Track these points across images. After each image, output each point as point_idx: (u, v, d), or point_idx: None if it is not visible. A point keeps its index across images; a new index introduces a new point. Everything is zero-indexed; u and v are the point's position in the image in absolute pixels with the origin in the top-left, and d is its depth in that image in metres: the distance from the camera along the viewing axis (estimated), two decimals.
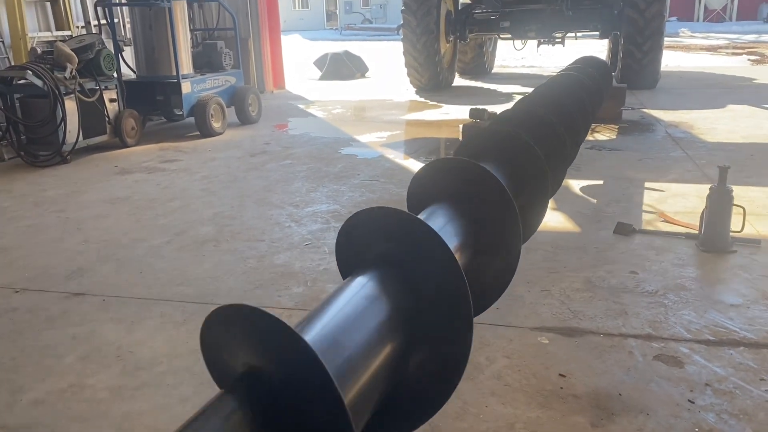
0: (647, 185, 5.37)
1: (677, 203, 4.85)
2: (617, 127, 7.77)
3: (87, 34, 8.51)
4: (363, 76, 15.60)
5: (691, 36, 26.46)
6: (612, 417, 2.39)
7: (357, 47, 18.89)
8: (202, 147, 7.77)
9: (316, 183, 5.86)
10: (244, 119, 9.14)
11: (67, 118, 6.91)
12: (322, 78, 15.32)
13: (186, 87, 8.18)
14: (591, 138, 7.12)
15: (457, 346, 1.57)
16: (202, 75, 8.69)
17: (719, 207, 3.81)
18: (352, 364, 1.36)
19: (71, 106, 7.00)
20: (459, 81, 13.53)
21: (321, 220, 4.82)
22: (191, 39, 9.00)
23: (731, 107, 9.06)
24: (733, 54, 18.91)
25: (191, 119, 8.40)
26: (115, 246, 4.44)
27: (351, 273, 1.65)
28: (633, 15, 10.47)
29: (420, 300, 1.58)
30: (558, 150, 3.35)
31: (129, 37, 9.18)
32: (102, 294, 3.65)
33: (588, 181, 5.47)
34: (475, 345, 2.41)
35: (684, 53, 19.09)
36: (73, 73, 7.01)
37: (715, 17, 35.27)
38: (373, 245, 1.70)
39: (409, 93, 12.04)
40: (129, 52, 8.93)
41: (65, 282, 3.83)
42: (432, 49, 11.60)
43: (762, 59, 17.09)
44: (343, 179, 5.96)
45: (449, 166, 2.38)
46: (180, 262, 4.12)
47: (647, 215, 4.63)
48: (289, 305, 3.43)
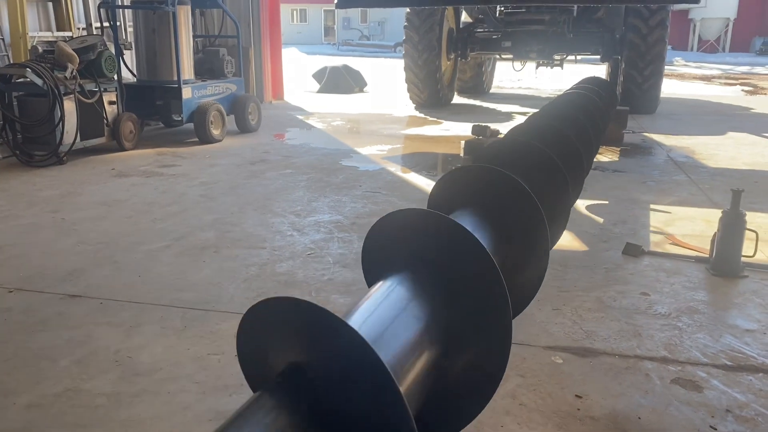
0: (653, 207, 5.33)
1: (685, 226, 4.81)
2: (619, 150, 7.76)
3: (89, 35, 8.43)
4: (361, 90, 15.59)
5: (685, 65, 26.77)
6: None
7: (354, 63, 18.90)
8: (200, 153, 7.67)
9: (317, 193, 5.77)
10: (243, 127, 9.05)
11: (66, 118, 6.80)
12: (320, 91, 15.29)
13: (186, 92, 8.10)
14: (594, 159, 7.10)
15: (496, 352, 1.49)
16: (203, 81, 8.62)
17: (732, 231, 3.76)
18: (393, 364, 1.28)
19: (70, 106, 6.89)
20: (457, 99, 13.55)
21: (324, 230, 4.73)
22: (193, 45, 8.93)
23: (731, 134, 9.10)
24: (727, 84, 19.12)
25: (190, 125, 8.30)
26: (113, 249, 4.32)
27: (381, 274, 1.58)
28: (635, 40, 10.54)
29: (458, 304, 1.50)
30: (575, 163, 3.30)
31: (130, 41, 9.11)
32: (99, 297, 3.53)
33: (593, 201, 5.43)
34: None
35: (679, 81, 19.27)
36: (74, 74, 6.91)
37: (709, 48, 35.77)
38: (406, 247, 1.62)
39: (409, 108, 12.02)
40: (129, 55, 8.86)
41: (61, 283, 3.71)
42: (433, 66, 11.61)
43: (755, 90, 17.28)
44: (345, 190, 5.88)
45: (472, 173, 2.31)
46: (179, 267, 4.01)
47: (655, 237, 4.58)
48: None
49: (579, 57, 12.23)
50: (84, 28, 9.13)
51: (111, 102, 7.58)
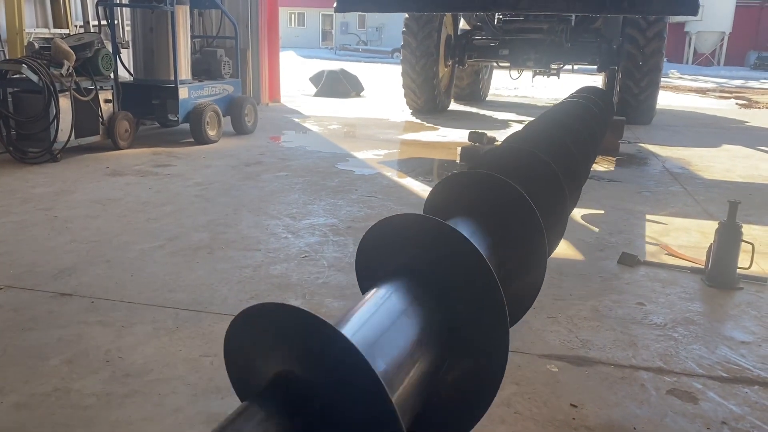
0: (648, 217, 5.33)
1: (680, 237, 4.81)
2: (615, 159, 7.78)
3: (86, 32, 8.38)
4: (358, 95, 15.59)
5: (681, 77, 26.94)
6: None
7: (352, 67, 18.91)
8: (196, 154, 7.63)
9: (313, 196, 5.75)
10: (239, 129, 9.02)
11: (61, 115, 6.75)
12: (317, 94, 15.28)
13: (183, 92, 8.06)
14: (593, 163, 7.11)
15: (494, 360, 1.47)
16: (200, 82, 8.59)
17: (728, 242, 3.76)
18: (388, 374, 1.25)
19: (65, 103, 6.85)
20: (454, 106, 13.56)
21: (319, 233, 4.70)
22: (191, 45, 8.89)
23: (726, 147, 9.14)
24: (722, 97, 19.24)
25: (186, 126, 8.26)
26: (105, 247, 4.28)
27: (376, 280, 1.54)
28: (632, 50, 10.58)
29: (453, 312, 1.48)
30: (573, 172, 3.29)
31: (127, 40, 9.07)
32: (90, 296, 3.49)
33: (589, 210, 5.42)
34: None
35: (674, 93, 19.38)
36: (70, 71, 6.87)
37: (704, 61, 36.03)
38: (401, 252, 1.59)
39: (405, 114, 12.02)
40: (126, 54, 8.82)
41: (52, 281, 3.66)
42: (430, 72, 11.62)
43: (750, 104, 17.39)
44: (341, 194, 5.85)
45: (469, 179, 2.29)
46: (172, 267, 3.97)
47: (650, 247, 4.57)
48: None
49: (576, 66, 12.28)
50: (81, 25, 9.09)
51: (107, 100, 7.53)
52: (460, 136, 9.14)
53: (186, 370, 2.75)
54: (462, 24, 12.94)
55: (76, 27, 8.94)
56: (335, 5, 7.68)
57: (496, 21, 11.52)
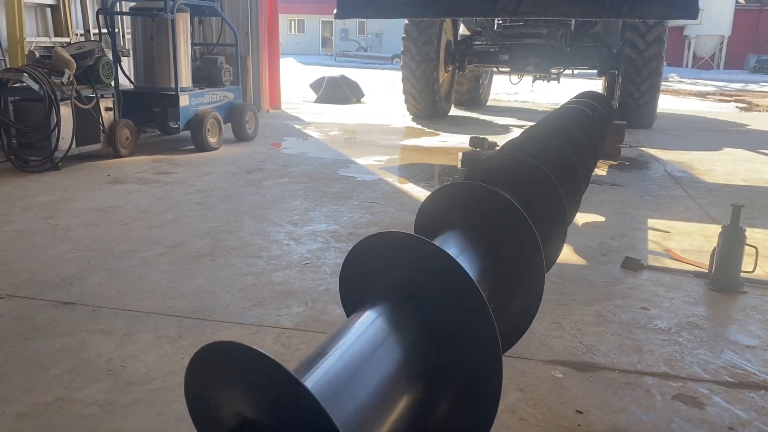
0: (651, 222, 5.32)
1: (683, 241, 4.80)
2: (616, 163, 7.77)
3: (87, 41, 8.40)
4: (359, 101, 15.61)
5: (680, 81, 26.96)
6: None
7: (352, 74, 18.94)
8: (197, 161, 7.63)
9: (314, 202, 5.74)
10: (240, 136, 9.03)
11: (62, 124, 6.76)
12: (317, 101, 15.30)
13: (184, 100, 8.08)
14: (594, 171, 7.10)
15: (485, 397, 1.41)
16: (200, 89, 8.60)
17: (731, 246, 3.74)
18: (362, 416, 1.17)
19: (66, 112, 6.85)
20: (454, 111, 13.57)
21: (321, 239, 4.69)
22: (191, 53, 8.91)
23: (728, 150, 9.13)
24: (722, 100, 19.24)
25: (186, 133, 8.27)
26: (107, 255, 4.27)
27: (358, 306, 1.45)
28: (632, 54, 10.59)
29: (440, 341, 1.37)
30: (572, 180, 3.27)
31: (128, 48, 9.09)
32: (92, 304, 3.48)
33: (591, 215, 5.41)
34: None
35: (674, 97, 19.39)
36: (71, 79, 6.87)
37: (704, 65, 36.06)
38: (385, 275, 1.49)
39: (406, 120, 12.03)
40: (127, 62, 8.83)
41: (54, 290, 3.65)
42: (431, 78, 11.63)
43: (750, 107, 17.39)
44: (342, 200, 5.85)
45: (461, 191, 2.18)
46: (174, 275, 3.96)
47: (653, 251, 4.56)
48: (290, 325, 3.29)
49: (576, 71, 12.28)
50: (82, 34, 9.11)
51: (108, 108, 7.54)
52: (460, 141, 9.14)
53: None
54: (462, 29, 12.96)
55: (76, 35, 8.96)
56: (335, 12, 7.69)
57: (495, 26, 11.54)
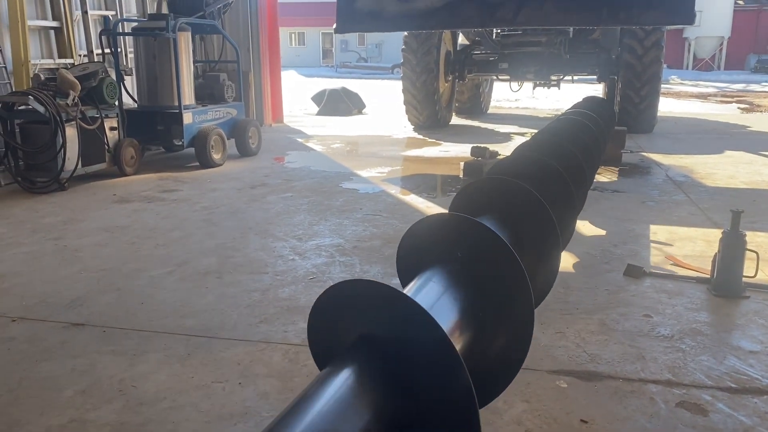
0: (653, 228, 5.35)
1: (685, 247, 4.83)
2: (618, 170, 7.81)
3: (90, 62, 8.51)
4: (360, 112, 15.70)
5: (681, 83, 27.00)
6: None
7: (353, 85, 19.06)
8: (201, 178, 7.71)
9: (318, 216, 5.80)
10: (244, 151, 9.11)
11: (67, 145, 6.84)
12: (319, 113, 15.40)
13: (187, 117, 8.16)
14: (594, 180, 7.14)
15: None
16: (203, 106, 8.69)
17: (732, 251, 3.78)
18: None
19: (72, 133, 6.94)
20: (456, 120, 13.64)
21: (325, 253, 4.74)
22: (193, 70, 9.01)
23: (729, 153, 9.16)
24: (723, 102, 19.26)
25: (191, 150, 8.35)
26: (115, 275, 4.33)
27: (327, 361, 1.43)
28: (631, 60, 10.65)
29: (412, 399, 1.34)
30: (565, 198, 3.18)
31: (131, 67, 9.19)
32: (102, 325, 3.53)
33: (594, 222, 5.45)
34: None
35: (675, 100, 19.42)
36: (75, 101, 6.97)
37: (704, 66, 36.10)
38: (353, 327, 1.47)
39: (408, 130, 12.10)
40: (130, 81, 8.94)
41: (64, 311, 3.71)
42: (431, 88, 11.72)
43: (752, 108, 17.40)
44: (346, 213, 5.90)
45: (444, 223, 2.05)
46: (182, 293, 4.01)
47: (655, 258, 4.59)
48: (297, 341, 3.33)
49: (576, 77, 12.34)
50: (86, 54, 9.22)
51: (112, 128, 7.63)
52: (462, 150, 9.19)
53: (198, 396, 2.78)
54: (461, 39, 13.05)
55: (80, 56, 9.06)
56: (334, 26, 7.78)
57: (494, 35, 11.62)
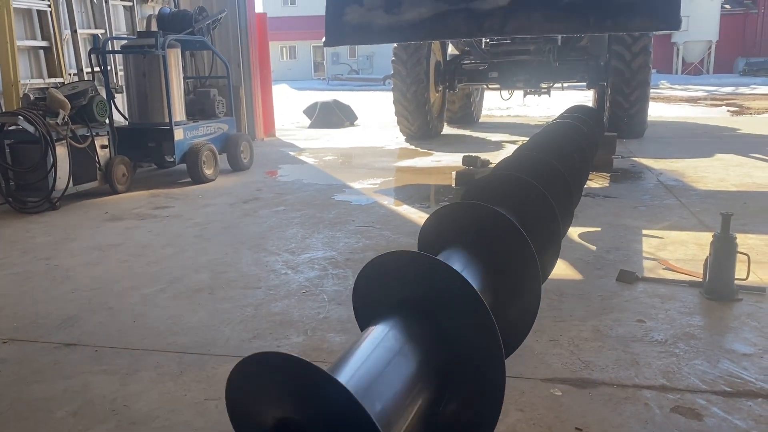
0: (645, 232, 5.36)
1: (677, 250, 4.84)
2: (609, 175, 7.84)
3: (80, 80, 8.51)
4: (352, 124, 15.74)
5: (671, 88, 27.19)
6: None
7: (344, 97, 19.12)
8: (193, 193, 7.70)
9: (311, 229, 5.79)
10: (235, 166, 9.11)
11: (58, 164, 6.83)
12: (311, 126, 15.43)
13: (179, 134, 8.16)
14: (585, 185, 7.16)
15: (490, 395, 1.49)
16: (194, 122, 8.70)
17: (723, 254, 3.79)
18: (386, 414, 1.28)
19: (62, 152, 6.93)
20: (447, 129, 13.68)
21: (318, 267, 4.73)
22: (184, 87, 9.03)
23: (719, 156, 9.21)
24: (713, 105, 19.40)
25: (183, 166, 8.35)
26: (107, 294, 4.31)
27: (373, 318, 1.58)
28: (619, 66, 10.72)
29: (450, 348, 1.50)
30: (564, 194, 3.34)
31: (121, 84, 9.20)
32: (94, 344, 3.51)
33: (586, 228, 5.46)
34: None
35: (665, 104, 19.55)
36: (66, 120, 6.96)
37: (693, 70, 36.38)
38: (397, 290, 1.62)
39: (399, 141, 12.13)
40: (120, 99, 8.94)
41: (55, 332, 3.68)
42: (422, 98, 11.76)
43: (741, 110, 17.53)
44: (338, 225, 5.90)
45: (460, 210, 2.33)
46: (174, 310, 3.99)
47: (648, 262, 4.60)
48: None
49: (565, 84, 12.41)
50: (75, 73, 9.23)
51: (103, 146, 7.62)
52: (454, 160, 9.21)
53: (191, 415, 2.76)
54: (450, 49, 13.12)
55: (70, 75, 9.07)
56: (323, 40, 7.81)
57: (483, 45, 11.69)
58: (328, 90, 30.82)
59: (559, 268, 4.45)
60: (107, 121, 7.77)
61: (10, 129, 6.90)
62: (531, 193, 2.61)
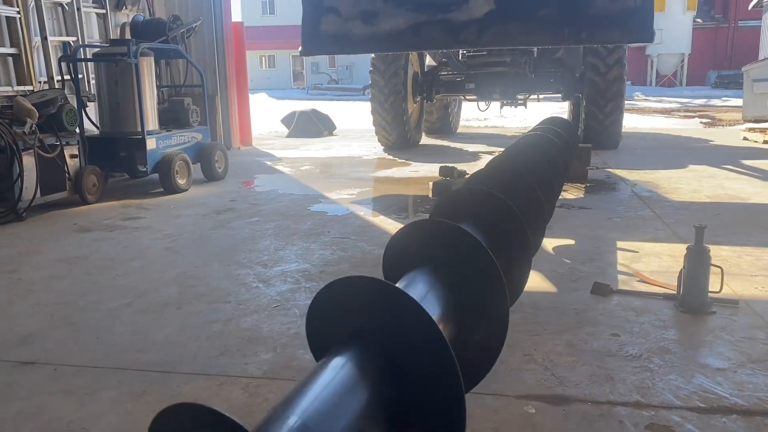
0: (619, 244, 5.36)
1: (651, 262, 4.83)
2: (584, 186, 7.86)
3: (50, 89, 8.34)
4: (331, 134, 15.67)
5: (645, 99, 27.58)
6: None
7: (324, 106, 19.06)
8: (166, 204, 7.55)
9: (284, 241, 5.69)
10: (210, 176, 8.98)
11: (25, 174, 6.66)
12: (289, 135, 15.33)
13: (151, 143, 8.02)
14: (559, 197, 7.16)
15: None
16: (167, 131, 8.56)
17: (697, 267, 3.77)
18: None
19: (29, 161, 6.76)
20: (425, 140, 13.68)
21: (291, 280, 4.64)
22: (158, 95, 8.89)
23: (692, 167, 9.30)
24: (686, 117, 19.70)
25: (155, 176, 8.20)
26: (71, 309, 4.17)
27: (325, 352, 1.50)
28: (594, 78, 10.81)
29: (403, 384, 1.42)
30: (535, 208, 3.30)
31: (93, 93, 9.04)
32: (53, 362, 3.37)
33: (560, 240, 5.44)
34: None
35: (640, 116, 19.80)
36: (33, 128, 6.80)
37: (667, 82, 37.00)
38: (349, 320, 1.53)
39: (378, 151, 12.09)
40: (92, 107, 8.77)
41: (13, 349, 3.54)
42: (399, 109, 11.75)
43: (713, 122, 17.81)
44: (313, 237, 5.81)
45: (426, 228, 2.26)
46: (140, 326, 3.87)
47: (622, 275, 4.58)
48: (257, 374, 3.21)
49: (541, 96, 12.49)
50: (45, 81, 9.04)
51: (73, 155, 7.46)
52: (432, 170, 9.18)
53: None
54: (428, 60, 13.14)
55: (40, 83, 8.89)
56: (300, 50, 7.75)
57: (460, 56, 11.72)
58: (307, 99, 30.73)
59: (534, 280, 4.41)
60: (77, 130, 7.61)
61: None
62: (500, 208, 2.55)
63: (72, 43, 9.48)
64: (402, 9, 7.33)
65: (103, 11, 10.43)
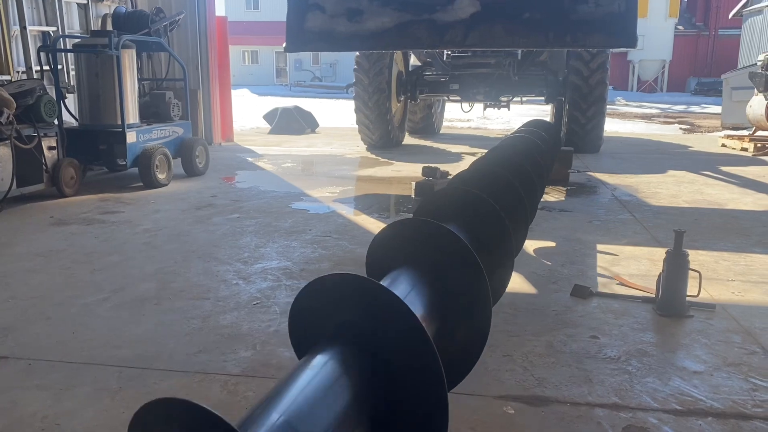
0: (599, 247, 5.40)
1: (630, 266, 4.88)
2: (565, 189, 7.91)
3: (28, 79, 8.19)
4: (313, 131, 15.61)
5: (627, 105, 27.88)
6: None
7: (306, 104, 18.98)
8: (145, 198, 7.46)
9: (265, 238, 5.65)
10: (191, 171, 8.89)
11: (0, 165, 6.53)
12: (272, 132, 15.24)
13: (131, 137, 7.92)
14: (541, 199, 7.20)
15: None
16: (148, 125, 8.46)
17: (676, 271, 3.81)
18: None
19: (5, 152, 6.63)
20: (408, 140, 13.68)
21: (271, 277, 4.61)
22: (139, 89, 8.78)
23: (672, 172, 9.41)
24: (666, 123, 19.94)
25: (134, 170, 8.10)
26: (46, 303, 4.10)
27: (308, 349, 1.49)
28: (577, 82, 10.89)
29: (387, 380, 1.42)
30: (518, 209, 3.31)
31: (72, 84, 8.90)
32: (28, 357, 3.31)
33: (541, 242, 5.47)
34: None
35: (621, 120, 20.01)
36: (10, 119, 6.67)
37: (648, 88, 37.44)
38: (333, 317, 1.53)
39: (360, 150, 12.06)
40: (72, 99, 8.64)
41: None
42: (383, 108, 11.73)
43: (693, 128, 18.07)
44: (294, 234, 5.78)
45: (411, 228, 2.26)
46: (117, 321, 3.81)
47: (602, 277, 4.62)
48: (236, 371, 3.18)
49: (524, 98, 12.56)
50: (24, 71, 8.89)
51: (51, 147, 7.33)
52: (414, 170, 9.18)
53: None
54: (413, 60, 13.14)
55: (18, 73, 8.73)
56: (284, 46, 7.69)
57: (445, 57, 11.74)
58: (290, 96, 30.58)
59: (514, 281, 4.43)
60: (56, 122, 7.48)
61: None
62: (485, 209, 2.56)
63: (52, 33, 9.33)
64: (387, 8, 7.31)
65: (85, 1, 10.28)
